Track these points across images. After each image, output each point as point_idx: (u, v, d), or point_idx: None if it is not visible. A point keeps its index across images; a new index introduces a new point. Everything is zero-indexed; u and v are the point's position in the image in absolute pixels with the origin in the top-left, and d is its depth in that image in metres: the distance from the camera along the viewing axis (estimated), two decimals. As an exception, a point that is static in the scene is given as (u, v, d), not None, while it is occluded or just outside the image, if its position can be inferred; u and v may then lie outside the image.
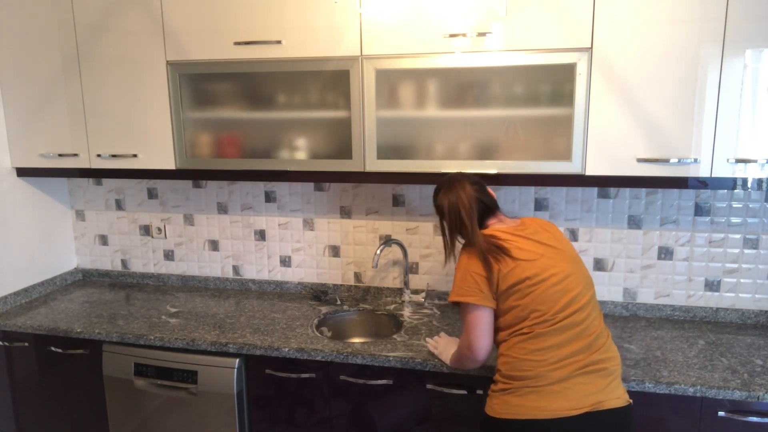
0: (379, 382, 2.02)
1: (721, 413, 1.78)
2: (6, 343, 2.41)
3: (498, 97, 2.02)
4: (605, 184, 1.99)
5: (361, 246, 2.61)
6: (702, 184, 1.93)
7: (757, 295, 2.27)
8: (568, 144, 1.99)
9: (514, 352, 1.58)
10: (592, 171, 1.99)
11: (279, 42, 2.15)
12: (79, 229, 2.93)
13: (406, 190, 2.51)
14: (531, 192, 2.39)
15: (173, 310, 2.47)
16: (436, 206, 1.79)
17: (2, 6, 2.39)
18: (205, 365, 2.15)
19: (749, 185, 1.90)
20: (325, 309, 2.47)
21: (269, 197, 2.66)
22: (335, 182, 2.32)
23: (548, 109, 2.00)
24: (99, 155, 2.41)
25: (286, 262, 2.70)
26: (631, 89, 1.91)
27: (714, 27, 1.83)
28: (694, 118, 1.89)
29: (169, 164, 2.35)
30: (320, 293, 2.59)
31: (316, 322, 2.33)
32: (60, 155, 2.46)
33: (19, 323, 2.35)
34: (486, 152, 2.06)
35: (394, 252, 2.57)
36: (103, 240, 2.91)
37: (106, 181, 2.84)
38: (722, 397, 1.75)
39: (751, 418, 1.76)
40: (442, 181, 1.79)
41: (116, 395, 2.28)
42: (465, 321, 1.66)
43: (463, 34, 1.99)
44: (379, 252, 2.37)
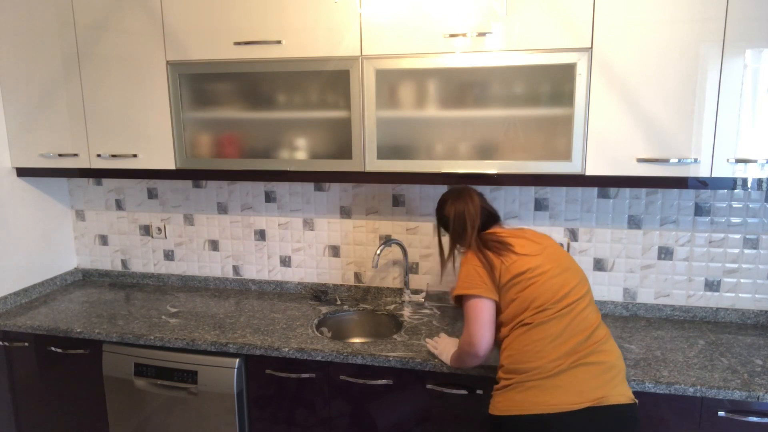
0: (379, 382, 2.02)
1: (721, 413, 1.78)
2: (6, 343, 2.41)
3: (498, 97, 2.02)
4: (605, 184, 2.00)
5: (361, 246, 2.61)
6: (702, 184, 1.93)
7: (757, 295, 2.27)
8: (568, 144, 1.99)
9: (517, 343, 1.62)
10: (592, 171, 1.99)
11: (279, 42, 2.15)
12: (79, 229, 2.93)
13: (406, 190, 2.51)
14: (531, 192, 2.39)
15: (173, 310, 2.47)
16: (441, 217, 1.90)
17: (2, 6, 2.39)
18: (205, 365, 2.15)
19: (749, 185, 1.90)
20: (325, 309, 2.47)
21: (269, 197, 2.66)
22: (335, 182, 2.32)
23: (548, 109, 2.00)
24: (99, 155, 2.41)
25: (286, 262, 2.70)
26: (631, 89, 1.91)
27: (714, 27, 1.83)
28: (694, 118, 1.89)
29: (169, 164, 2.35)
30: (320, 293, 2.59)
31: (316, 322, 2.33)
32: (60, 155, 2.46)
33: (19, 323, 2.35)
34: (486, 152, 2.06)
35: (394, 252, 2.57)
36: (103, 240, 2.91)
37: (106, 181, 2.84)
38: (722, 397, 1.75)
39: (751, 418, 1.76)
40: (447, 194, 1.90)
41: (116, 395, 2.28)
42: (467, 314, 1.69)
43: (463, 34, 1.99)
44: (379, 252, 2.37)
